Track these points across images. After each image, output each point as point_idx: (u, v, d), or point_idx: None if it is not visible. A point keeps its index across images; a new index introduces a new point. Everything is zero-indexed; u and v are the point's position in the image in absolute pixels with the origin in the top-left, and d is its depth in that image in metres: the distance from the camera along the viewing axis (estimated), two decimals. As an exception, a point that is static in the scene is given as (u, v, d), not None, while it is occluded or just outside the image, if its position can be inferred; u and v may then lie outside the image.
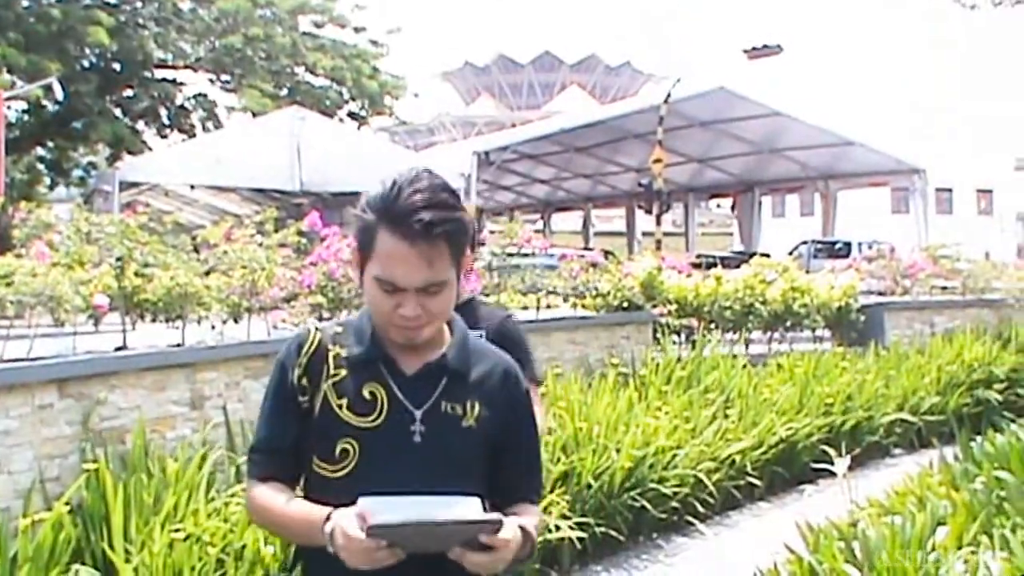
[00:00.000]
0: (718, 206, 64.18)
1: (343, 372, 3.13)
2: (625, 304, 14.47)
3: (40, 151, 38.28)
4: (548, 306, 14.39)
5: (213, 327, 10.46)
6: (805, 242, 40.75)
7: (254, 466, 3.21)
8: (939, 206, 54.88)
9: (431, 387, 3.13)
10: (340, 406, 3.08)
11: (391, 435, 3.06)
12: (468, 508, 2.82)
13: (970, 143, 63.52)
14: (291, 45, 39.42)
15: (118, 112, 38.05)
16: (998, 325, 19.06)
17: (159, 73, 39.42)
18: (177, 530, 6.96)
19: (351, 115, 41.77)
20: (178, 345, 9.64)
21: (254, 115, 35.97)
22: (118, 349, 9.13)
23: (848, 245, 37.17)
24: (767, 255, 25.36)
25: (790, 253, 36.84)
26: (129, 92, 38.60)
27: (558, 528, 8.88)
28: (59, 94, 30.11)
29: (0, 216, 16.32)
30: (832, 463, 8.13)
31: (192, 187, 33.76)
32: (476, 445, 3.14)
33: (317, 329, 3.23)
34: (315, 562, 3.01)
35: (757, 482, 11.89)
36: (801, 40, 69.03)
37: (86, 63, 36.57)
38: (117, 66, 37.31)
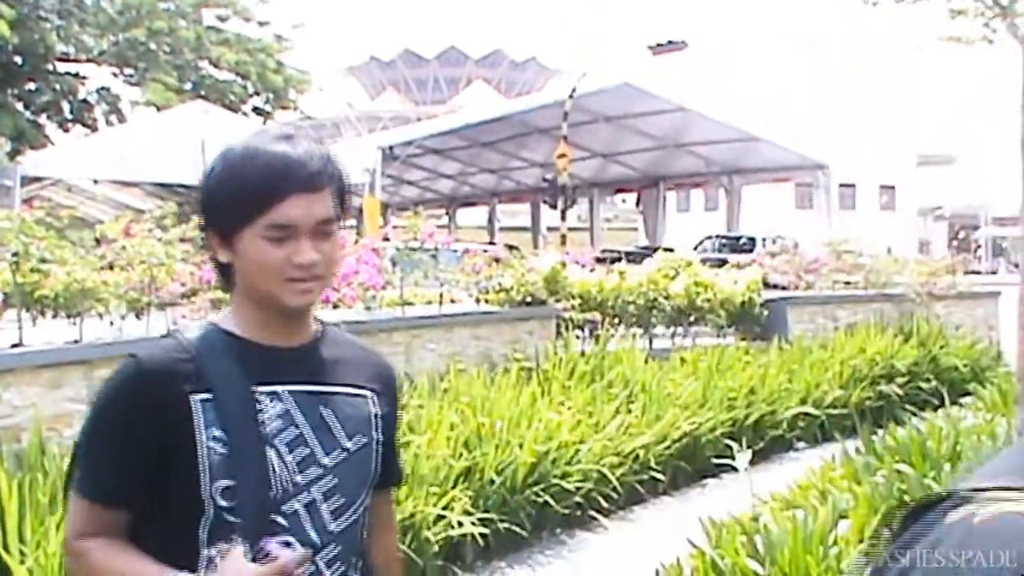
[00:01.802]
0: (623, 201, 64.45)
1: None
2: (528, 299, 14.42)
3: (-61, 145, 37.82)
4: (451, 300, 14.36)
5: (112, 323, 10.33)
6: (709, 237, 40.98)
7: None
8: (843, 202, 55.34)
9: None
10: None
11: None
12: None
13: (873, 139, 64.18)
14: (195, 39, 39.25)
15: (19, 106, 37.76)
16: (900, 319, 19.19)
17: (61, 67, 39.13)
18: (72, 530, 6.82)
19: (255, 109, 41.72)
20: (76, 341, 9.50)
21: (158, 109, 35.74)
22: (14, 346, 8.98)
23: (752, 240, 37.39)
24: (671, 250, 25.46)
25: (695, 248, 37.04)
26: (31, 85, 38.30)
27: (461, 524, 8.81)
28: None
29: None
30: (735, 457, 8.14)
31: (95, 182, 33.40)
32: None
33: None
34: None
35: (660, 477, 11.88)
36: (706, 35, 69.40)
37: (-15, 56, 36.16)
38: (18, 59, 36.98)
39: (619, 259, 21.76)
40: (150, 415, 2.56)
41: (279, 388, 2.65)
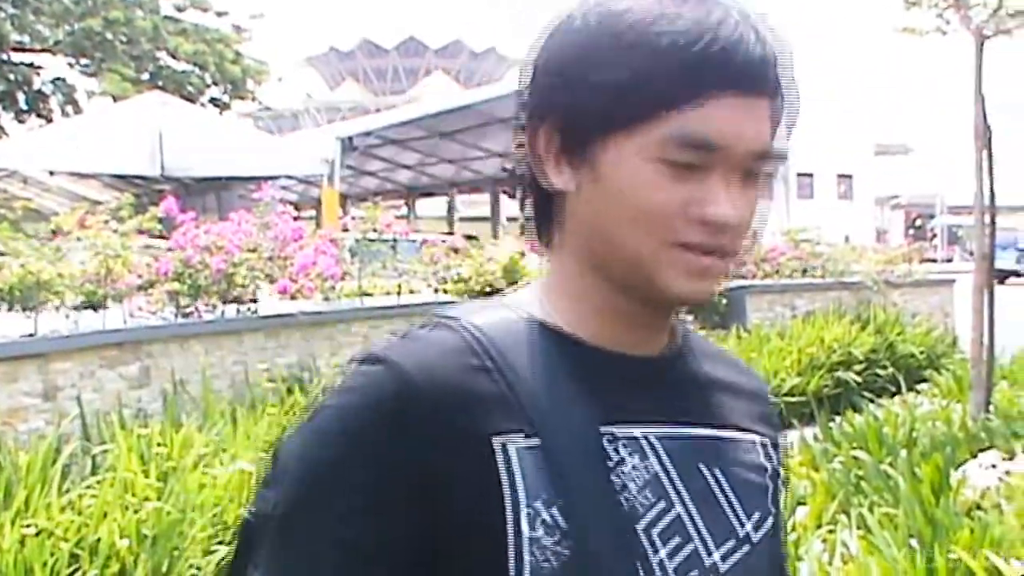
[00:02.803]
0: (583, 191, 64.58)
1: None
2: (487, 289, 14.43)
3: None
4: (410, 291, 14.37)
5: (67, 316, 10.30)
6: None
7: None
8: (801, 191, 55.60)
9: None
10: None
11: None
12: None
13: (831, 129, 64.44)
14: (152, 29, 39.04)
15: (-27, 97, 37.53)
16: (857, 307, 19.26)
17: (16, 56, 38.87)
18: (28, 525, 6.81)
19: (213, 100, 41.50)
20: (31, 335, 9.47)
21: (114, 100, 35.57)
22: (-33, 339, 8.96)
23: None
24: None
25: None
26: (-16, 76, 38.05)
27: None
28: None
29: None
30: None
31: (51, 173, 33.27)
32: None
33: None
34: None
35: (621, 465, 11.90)
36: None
37: (-61, 46, 35.98)
38: (-29, 50, 36.75)
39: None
40: (423, 474, 1.30)
41: (639, 430, 1.43)
